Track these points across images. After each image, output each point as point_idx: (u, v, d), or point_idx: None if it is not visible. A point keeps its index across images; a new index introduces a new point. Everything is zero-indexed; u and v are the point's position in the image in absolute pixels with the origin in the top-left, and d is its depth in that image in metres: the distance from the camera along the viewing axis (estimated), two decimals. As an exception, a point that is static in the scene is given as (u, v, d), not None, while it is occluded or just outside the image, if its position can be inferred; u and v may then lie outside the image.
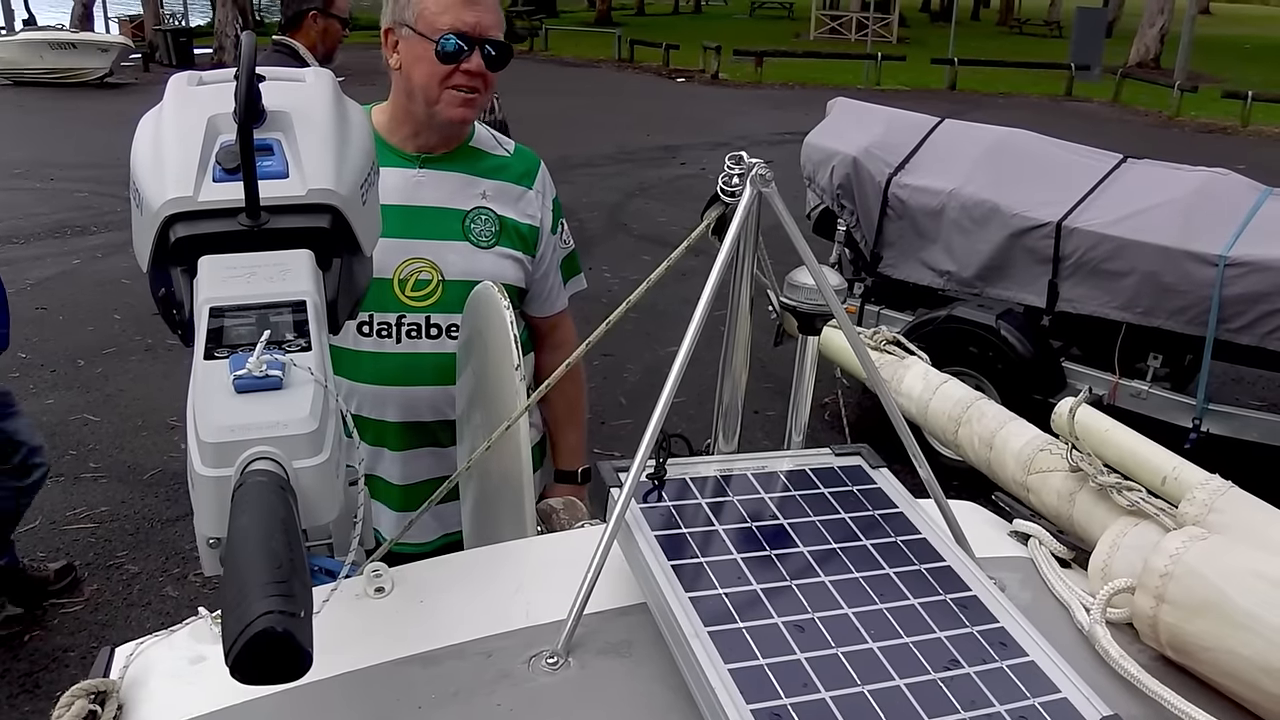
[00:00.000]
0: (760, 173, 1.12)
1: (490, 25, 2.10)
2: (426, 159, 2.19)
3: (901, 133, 6.41)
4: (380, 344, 2.16)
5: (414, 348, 2.17)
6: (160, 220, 0.94)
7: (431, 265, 2.15)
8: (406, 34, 2.10)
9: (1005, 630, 0.98)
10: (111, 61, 21.09)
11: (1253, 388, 6.50)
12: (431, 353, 2.17)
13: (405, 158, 2.18)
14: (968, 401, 1.50)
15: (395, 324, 2.15)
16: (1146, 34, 27.52)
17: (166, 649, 1.08)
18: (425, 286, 2.15)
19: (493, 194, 2.23)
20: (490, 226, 2.21)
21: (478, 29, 2.07)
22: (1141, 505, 1.18)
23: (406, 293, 2.14)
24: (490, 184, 2.24)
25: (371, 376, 2.16)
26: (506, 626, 1.05)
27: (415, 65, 2.10)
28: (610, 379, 6.70)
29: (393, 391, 2.18)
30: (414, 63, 2.10)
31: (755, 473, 1.17)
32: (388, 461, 2.24)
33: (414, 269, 2.15)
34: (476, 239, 2.19)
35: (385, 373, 2.17)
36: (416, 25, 2.08)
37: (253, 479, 0.74)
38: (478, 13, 2.07)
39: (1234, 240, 5.05)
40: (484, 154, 2.27)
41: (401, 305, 2.14)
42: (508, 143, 2.34)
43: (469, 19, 2.06)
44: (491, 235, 2.21)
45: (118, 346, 7.21)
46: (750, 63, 23.98)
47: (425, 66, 2.08)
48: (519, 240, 2.26)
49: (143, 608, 4.34)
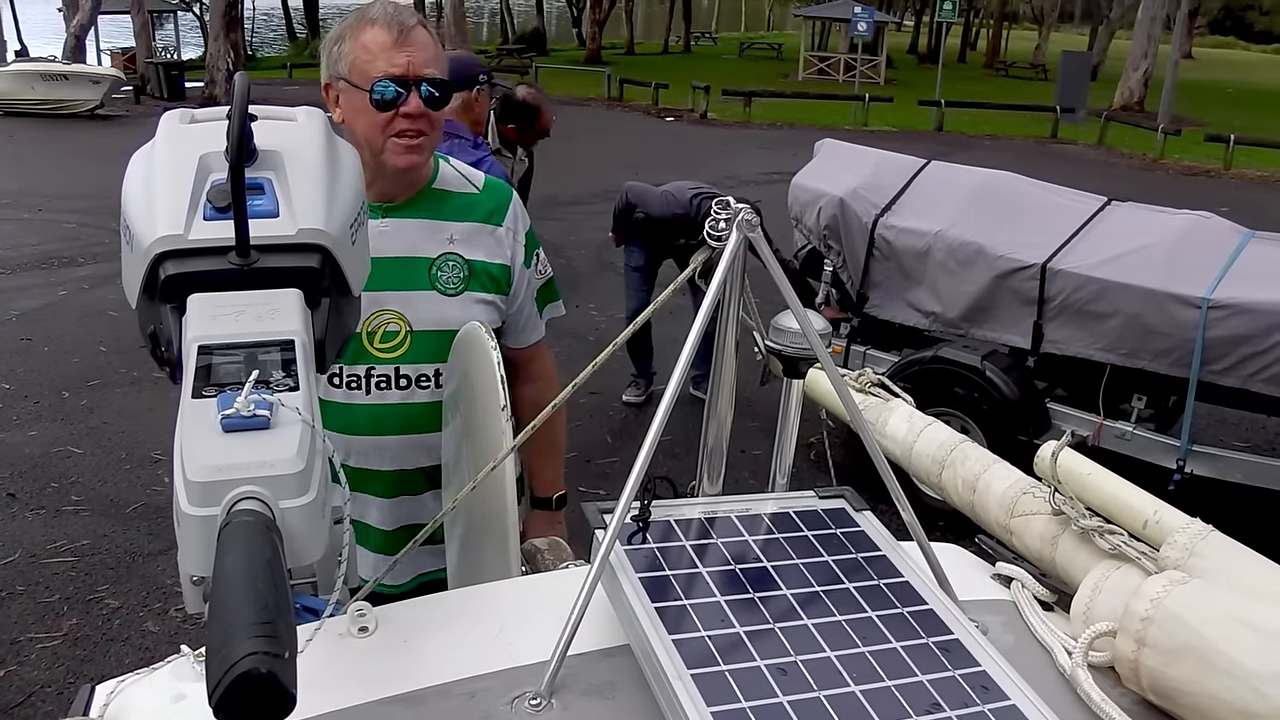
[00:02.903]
0: (746, 218, 1.13)
1: (423, 63, 2.04)
2: (389, 208, 2.14)
3: (888, 174, 6.45)
4: (350, 395, 2.13)
5: (382, 399, 2.14)
6: (150, 257, 0.94)
7: (399, 316, 2.12)
8: (344, 87, 2.06)
9: (987, 674, 0.98)
10: (103, 93, 21.17)
11: (1236, 429, 6.53)
12: (400, 403, 2.14)
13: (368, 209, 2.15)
14: (951, 444, 1.51)
15: (364, 376, 2.13)
16: (1131, 78, 27.89)
17: (148, 687, 1.07)
18: (393, 338, 2.12)
19: (460, 237, 2.18)
20: (458, 272, 2.17)
21: (410, 69, 2.02)
22: (1123, 549, 1.19)
23: (375, 344, 2.11)
24: (457, 226, 2.19)
25: (342, 426, 2.13)
26: (490, 667, 1.05)
27: (356, 117, 2.06)
28: (597, 417, 6.70)
29: (364, 441, 2.15)
30: (354, 115, 2.06)
31: (739, 515, 1.18)
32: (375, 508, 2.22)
33: (382, 320, 2.11)
34: (444, 286, 2.15)
35: (354, 423, 2.14)
36: (351, 77, 2.04)
37: (239, 519, 0.74)
38: (408, 53, 2.02)
39: (1217, 283, 5.10)
40: (450, 194, 2.22)
41: (370, 357, 2.12)
42: (477, 177, 2.28)
43: (399, 60, 2.01)
44: (459, 281, 2.17)
45: (103, 379, 7.18)
46: (739, 102, 24.17)
47: (365, 117, 2.04)
48: (490, 282, 2.21)
49: (122, 643, 4.30)
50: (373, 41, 2.02)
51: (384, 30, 2.02)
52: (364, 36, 2.03)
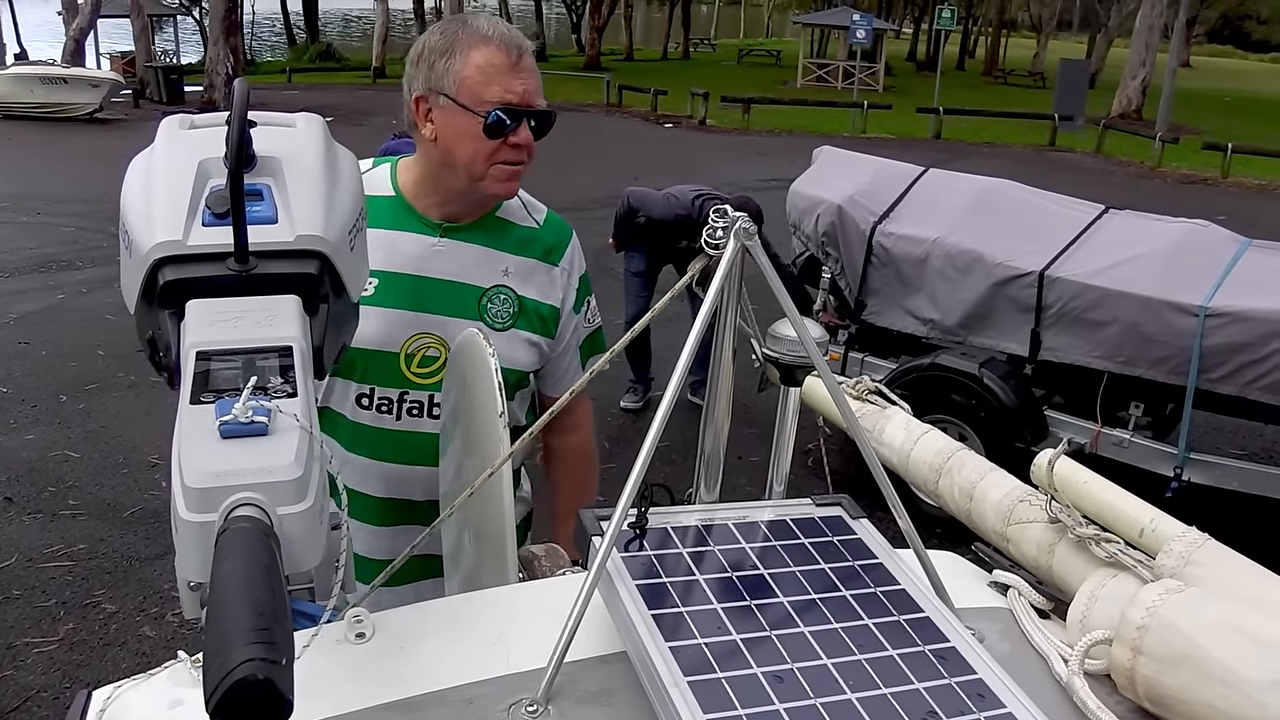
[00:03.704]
0: (744, 226, 1.13)
1: (535, 92, 1.92)
2: (448, 228, 2.02)
3: (886, 181, 6.47)
4: (380, 419, 2.03)
5: (415, 426, 2.03)
6: (149, 263, 0.95)
7: (441, 342, 2.00)
8: (445, 104, 1.90)
9: (983, 681, 0.98)
10: (102, 97, 21.20)
11: (1233, 437, 6.54)
12: (433, 433, 2.02)
13: (428, 225, 2.01)
14: (948, 452, 1.51)
15: (397, 400, 2.02)
16: (1129, 86, 27.98)
17: (145, 693, 1.07)
18: (432, 364, 2.01)
19: (515, 271, 2.06)
20: (508, 308, 2.05)
21: (525, 99, 1.90)
22: (1120, 557, 1.19)
23: (413, 368, 2.01)
24: (513, 260, 2.07)
25: (369, 451, 2.04)
26: (487, 673, 1.05)
27: (458, 140, 1.91)
28: (594, 422, 6.69)
29: (389, 468, 2.05)
30: (456, 137, 1.91)
31: (736, 522, 1.18)
32: (368, 536, 2.10)
33: (422, 344, 2.00)
34: (493, 320, 2.03)
35: (383, 449, 2.04)
36: (458, 96, 1.88)
37: (237, 525, 0.74)
38: (524, 81, 1.90)
39: (1214, 291, 5.11)
40: (510, 225, 2.10)
41: (405, 381, 2.01)
42: (538, 211, 2.17)
43: (517, 89, 1.89)
44: (509, 316, 2.05)
45: (100, 383, 7.18)
46: (738, 109, 24.22)
47: (470, 143, 1.90)
48: (538, 322, 2.10)
49: (119, 648, 4.29)
50: (488, 63, 1.88)
51: (500, 52, 1.89)
52: (478, 56, 1.89)
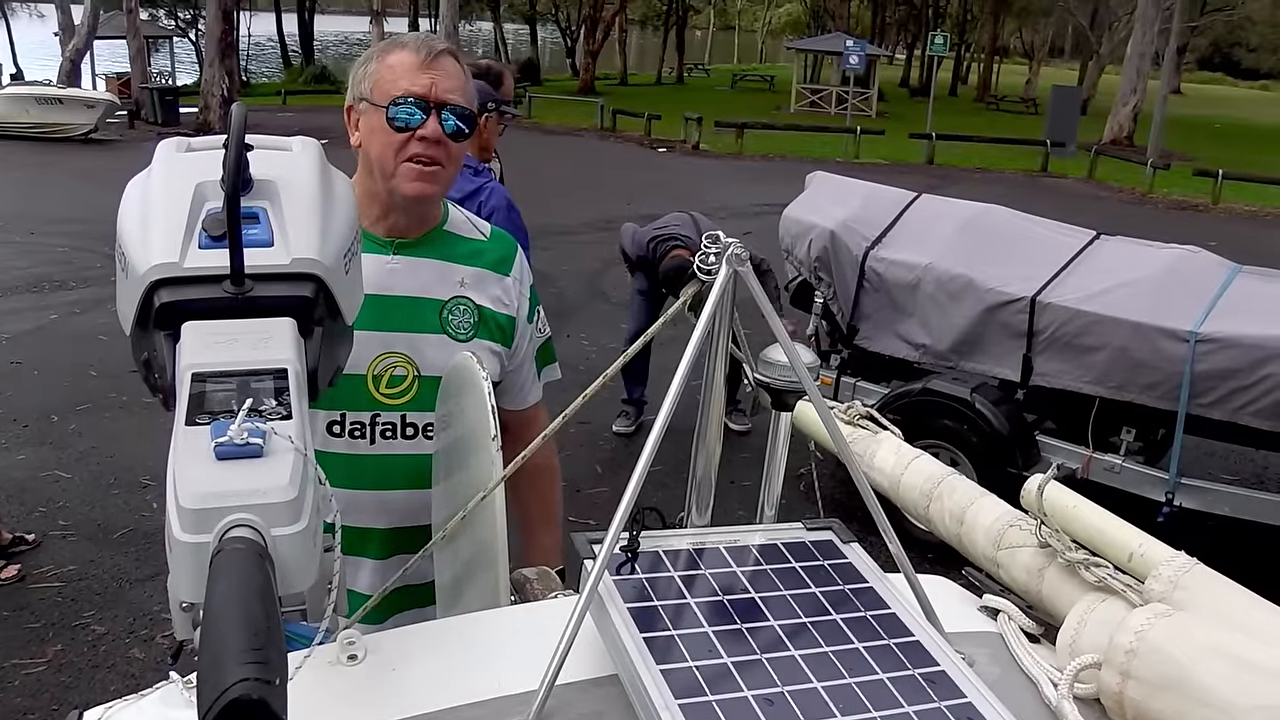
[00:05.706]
0: (736, 252, 1.14)
1: (448, 89, 1.96)
2: (400, 244, 2.05)
3: (879, 207, 6.50)
4: (353, 445, 2.01)
5: (389, 449, 2.02)
6: (145, 285, 0.95)
7: (407, 360, 2.01)
8: (364, 107, 2.00)
9: (973, 705, 0.98)
10: (97, 118, 21.20)
11: (1224, 462, 6.56)
12: (407, 454, 2.02)
13: (378, 243, 2.03)
14: (939, 477, 1.52)
15: (369, 423, 2.01)
16: (1120, 112, 28.15)
17: (136, 713, 1.07)
18: (400, 383, 2.01)
19: (471, 282, 2.10)
20: (469, 318, 2.08)
21: (434, 93, 1.94)
22: (1109, 581, 1.19)
23: (381, 389, 2.00)
24: (468, 271, 2.10)
25: (344, 480, 1.98)
26: (478, 696, 1.05)
27: (370, 138, 1.99)
28: (587, 446, 6.70)
29: (367, 496, 2.03)
30: (369, 135, 1.99)
31: (727, 546, 1.18)
32: (368, 571, 2.08)
33: (389, 364, 2.00)
34: (455, 331, 2.06)
35: (359, 476, 2.01)
36: (372, 96, 1.97)
37: (231, 546, 0.74)
38: (433, 75, 1.95)
39: (1205, 317, 5.14)
40: (459, 238, 2.14)
41: (375, 403, 2.00)
42: (483, 225, 2.22)
43: (422, 81, 1.94)
44: (470, 327, 2.08)
45: (92, 403, 7.16)
46: (731, 134, 24.29)
47: (380, 137, 1.96)
48: (498, 332, 2.13)
49: (108, 670, 4.27)
50: (398, 62, 1.97)
51: (411, 52, 1.97)
52: (390, 57, 1.98)
